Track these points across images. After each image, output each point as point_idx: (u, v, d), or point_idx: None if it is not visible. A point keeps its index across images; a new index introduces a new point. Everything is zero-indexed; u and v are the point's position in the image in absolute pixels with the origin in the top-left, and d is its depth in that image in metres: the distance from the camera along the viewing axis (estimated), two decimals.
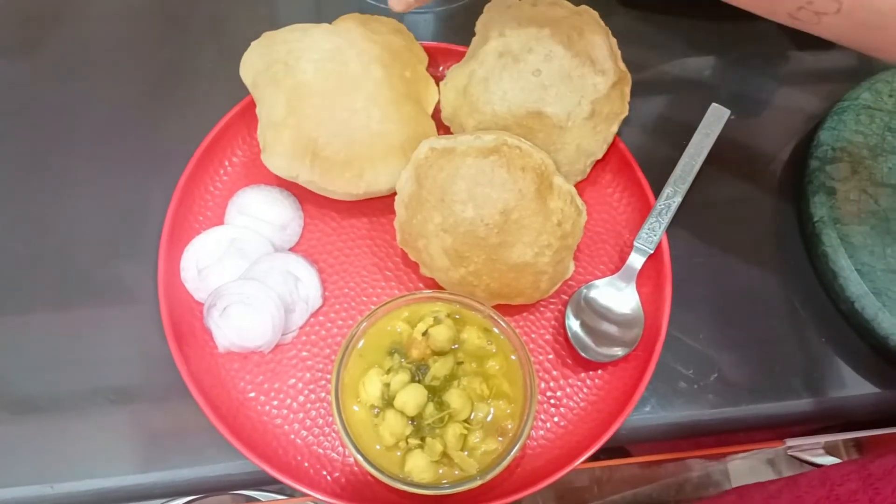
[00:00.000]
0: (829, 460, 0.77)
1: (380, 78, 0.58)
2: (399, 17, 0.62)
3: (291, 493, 0.74)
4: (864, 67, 0.73)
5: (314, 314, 0.60)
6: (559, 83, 0.58)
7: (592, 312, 0.59)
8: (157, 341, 0.58)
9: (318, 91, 0.57)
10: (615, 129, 0.61)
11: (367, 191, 0.58)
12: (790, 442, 0.69)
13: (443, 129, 0.66)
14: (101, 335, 0.60)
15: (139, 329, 0.60)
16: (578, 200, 0.56)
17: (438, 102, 0.63)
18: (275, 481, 0.54)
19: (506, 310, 0.59)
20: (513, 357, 0.54)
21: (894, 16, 0.42)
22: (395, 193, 0.58)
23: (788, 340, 0.62)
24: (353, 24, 0.61)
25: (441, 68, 0.68)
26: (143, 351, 0.59)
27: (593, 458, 0.55)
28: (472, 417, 0.53)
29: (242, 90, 0.62)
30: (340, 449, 0.56)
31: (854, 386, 0.61)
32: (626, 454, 0.73)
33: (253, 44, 0.61)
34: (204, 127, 0.62)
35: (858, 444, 1.08)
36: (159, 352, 0.57)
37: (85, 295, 0.61)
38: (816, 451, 0.76)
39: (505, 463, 0.51)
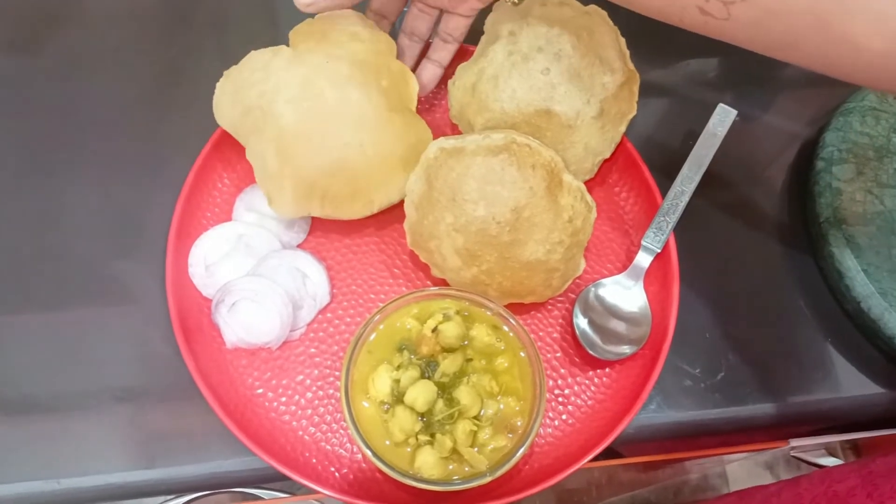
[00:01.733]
0: (829, 461, 0.77)
1: (358, 100, 0.56)
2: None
3: (295, 491, 0.74)
4: None
5: (322, 311, 0.60)
6: (568, 82, 0.58)
7: (600, 310, 0.60)
8: (163, 338, 0.58)
9: (304, 134, 0.55)
10: (623, 128, 0.62)
11: (381, 208, 0.59)
12: (794, 442, 0.69)
13: (450, 127, 0.66)
14: (106, 332, 0.60)
15: (144, 326, 0.59)
16: (588, 197, 0.56)
17: (447, 101, 0.63)
18: (282, 477, 0.54)
19: (514, 308, 0.59)
20: (522, 354, 0.55)
21: (795, 4, 0.41)
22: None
23: (794, 340, 0.63)
24: (311, 43, 0.58)
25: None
26: (148, 348, 0.59)
27: (598, 457, 0.55)
28: (481, 414, 0.53)
29: None
30: (349, 445, 0.56)
31: (859, 386, 0.62)
32: (629, 454, 0.73)
33: (218, 86, 0.59)
34: (208, 125, 0.62)
35: (857, 447, 1.08)
36: (165, 349, 0.57)
37: (90, 293, 0.61)
38: (819, 451, 0.76)
39: (514, 460, 0.51)
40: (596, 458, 0.55)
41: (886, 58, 0.41)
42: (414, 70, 0.62)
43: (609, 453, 0.62)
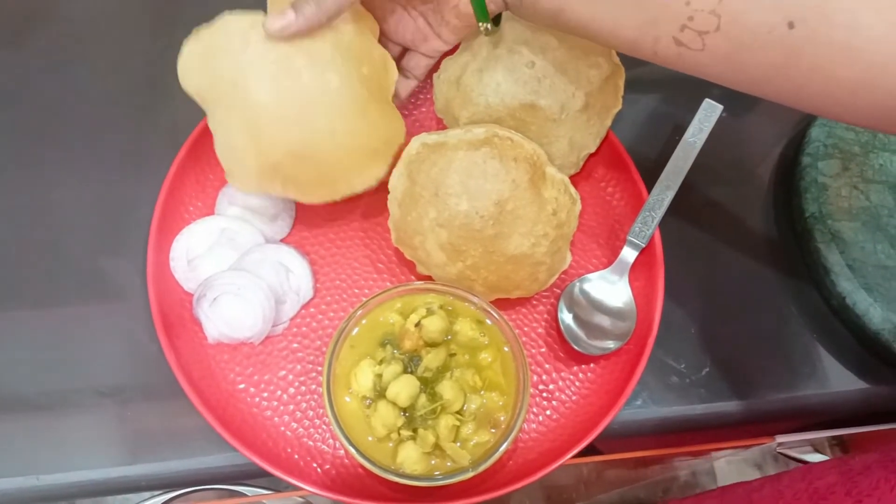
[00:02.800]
0: (816, 457, 0.77)
1: (337, 88, 0.53)
2: None
3: (279, 487, 0.74)
4: None
5: (305, 306, 0.59)
6: (553, 75, 0.58)
7: (585, 305, 0.59)
8: (146, 334, 0.57)
9: (276, 114, 0.52)
10: (609, 122, 0.61)
11: (344, 196, 0.56)
12: (780, 438, 0.69)
13: (436, 121, 0.66)
14: (89, 328, 0.59)
15: (128, 321, 0.59)
16: (572, 189, 0.56)
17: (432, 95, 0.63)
18: (265, 473, 0.54)
19: (500, 303, 0.58)
20: (505, 349, 0.54)
21: (766, 36, 0.41)
22: (380, 187, 0.57)
23: (779, 336, 0.63)
24: None
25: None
26: (131, 343, 0.58)
27: (583, 453, 0.55)
28: (464, 409, 0.52)
29: None
30: (331, 441, 0.56)
31: (844, 382, 0.62)
32: (614, 450, 0.73)
33: (187, 47, 0.54)
34: (194, 120, 0.62)
35: (844, 443, 1.09)
36: (148, 344, 0.57)
37: (74, 288, 0.61)
38: (806, 448, 0.76)
39: (497, 455, 0.51)
40: (582, 454, 0.55)
41: (856, 91, 0.41)
42: None
43: (595, 449, 0.62)
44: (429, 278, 0.58)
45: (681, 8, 0.43)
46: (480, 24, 0.53)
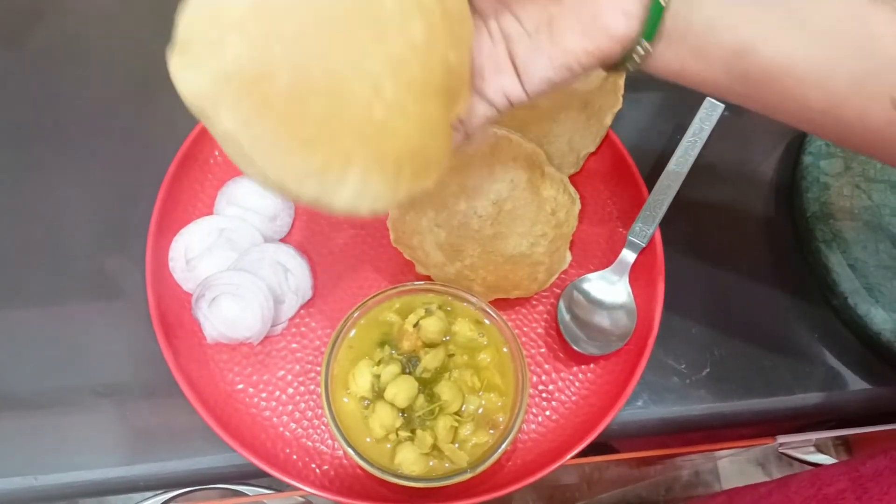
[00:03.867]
0: (819, 458, 0.77)
1: (418, 43, 0.35)
2: None
3: (280, 487, 0.73)
4: None
5: (304, 306, 0.59)
6: None
7: (585, 305, 0.59)
8: (146, 334, 0.57)
9: (318, 4, 0.33)
10: (608, 122, 0.61)
11: (315, 196, 0.35)
12: (781, 439, 0.68)
13: None
14: (88, 327, 0.59)
15: (127, 321, 0.59)
16: (571, 189, 0.56)
17: None
18: (263, 474, 0.54)
19: (499, 303, 0.58)
20: (504, 349, 0.54)
21: None
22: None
23: (780, 336, 0.62)
24: None
25: None
26: (130, 343, 0.58)
27: (584, 453, 0.54)
28: (462, 410, 0.52)
29: None
30: (330, 441, 0.56)
31: (846, 382, 0.61)
32: (616, 450, 0.73)
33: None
34: (193, 119, 0.62)
35: (846, 442, 1.08)
36: (147, 344, 0.57)
37: (73, 288, 0.60)
38: (808, 448, 0.75)
39: (496, 456, 0.51)
40: (583, 455, 0.54)
41: None
42: None
43: (596, 449, 0.62)
44: (428, 278, 0.58)
45: None
46: (637, 50, 0.38)
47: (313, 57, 0.32)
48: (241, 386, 0.57)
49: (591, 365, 0.59)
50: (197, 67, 0.32)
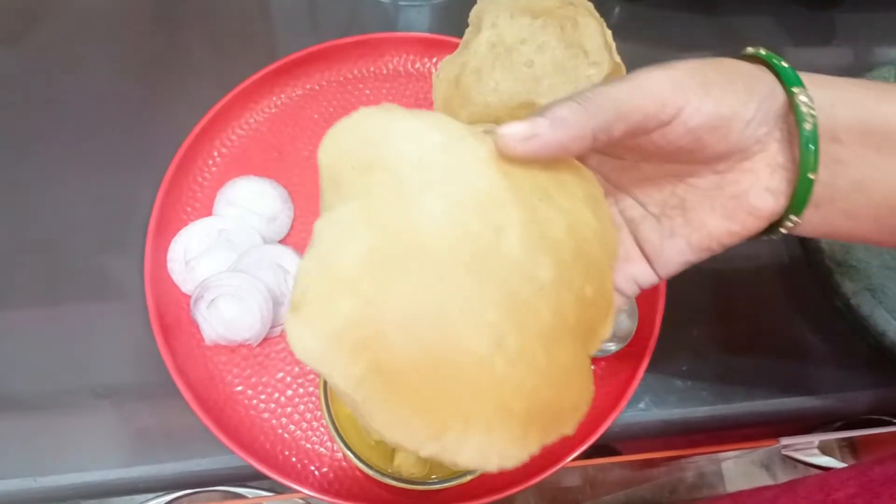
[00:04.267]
0: (823, 460, 0.76)
1: (546, 286, 0.33)
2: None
3: (280, 490, 0.73)
4: (860, 64, 0.73)
5: None
6: (552, 74, 0.57)
7: None
8: (144, 335, 0.57)
9: (434, 258, 0.31)
10: None
11: (436, 455, 0.31)
12: (784, 440, 0.68)
13: None
14: (87, 329, 0.59)
15: (126, 323, 0.59)
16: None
17: None
18: (262, 476, 0.54)
19: None
20: None
21: None
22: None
23: (783, 337, 0.62)
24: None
25: (435, 59, 0.67)
26: (129, 345, 0.58)
27: (586, 455, 0.54)
28: None
29: (232, 82, 0.61)
30: (329, 444, 0.55)
31: (849, 383, 0.61)
32: (618, 452, 0.73)
33: (359, 114, 0.35)
34: (193, 119, 0.62)
35: (852, 444, 1.08)
36: (146, 346, 0.56)
37: (71, 288, 0.60)
38: (811, 450, 0.75)
39: None
40: (585, 457, 0.54)
41: None
42: None
43: (598, 451, 0.61)
44: None
45: None
46: (784, 224, 0.36)
47: (427, 315, 0.30)
48: (239, 388, 0.56)
49: (592, 367, 0.58)
50: (307, 326, 0.30)
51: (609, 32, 0.59)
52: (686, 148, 0.34)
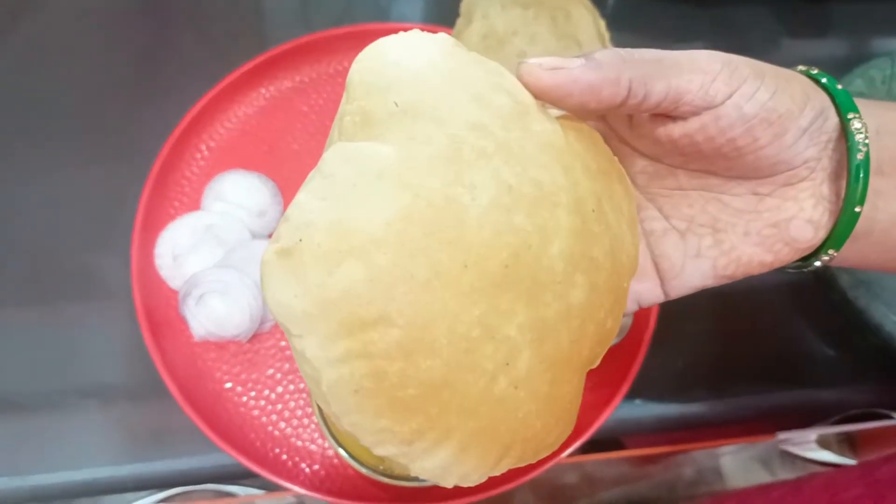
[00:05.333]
0: (821, 455, 0.76)
1: (575, 307, 0.29)
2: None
3: (271, 488, 0.73)
4: (856, 55, 0.72)
5: None
6: None
7: None
8: (132, 332, 0.56)
9: (470, 246, 0.26)
10: None
11: (390, 455, 0.27)
12: (781, 435, 0.67)
13: None
14: (74, 326, 0.58)
15: (114, 320, 0.58)
16: None
17: None
18: (252, 474, 0.53)
19: None
20: None
21: None
22: None
23: (779, 331, 0.62)
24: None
25: None
26: (117, 342, 0.57)
27: (581, 451, 0.53)
28: None
29: (221, 77, 0.60)
30: (320, 441, 0.55)
31: (846, 377, 0.60)
32: (614, 447, 0.72)
33: (419, 40, 0.28)
34: (180, 114, 0.61)
35: (850, 439, 1.07)
36: (134, 343, 0.56)
37: (58, 287, 0.60)
38: (809, 444, 0.74)
39: None
40: (581, 452, 0.53)
41: None
42: None
43: (594, 447, 0.61)
44: None
45: None
46: (826, 252, 0.34)
47: (445, 312, 0.26)
48: (229, 384, 0.56)
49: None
50: (296, 280, 0.25)
51: (602, 23, 0.58)
52: (736, 143, 0.31)
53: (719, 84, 0.29)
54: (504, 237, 0.26)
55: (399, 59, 0.27)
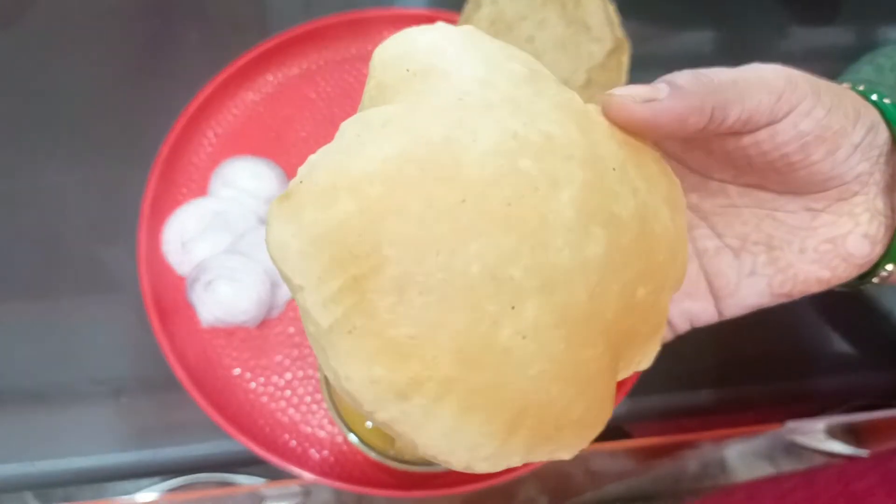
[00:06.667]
0: (829, 445, 0.75)
1: (592, 261, 0.26)
2: None
3: (274, 476, 0.73)
4: (864, 43, 0.72)
5: None
6: (553, 51, 0.56)
7: None
8: (141, 319, 0.56)
9: (469, 185, 0.24)
10: None
11: (392, 421, 0.24)
12: (790, 424, 0.67)
13: None
14: (83, 314, 0.58)
15: (122, 307, 0.58)
16: None
17: None
18: (260, 461, 0.53)
19: None
20: None
21: None
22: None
23: (787, 318, 0.61)
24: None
25: None
26: (126, 330, 0.57)
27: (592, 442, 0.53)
28: None
29: (226, 63, 0.60)
30: (329, 426, 0.55)
31: (857, 365, 0.60)
32: (620, 437, 0.72)
33: (437, 26, 0.29)
34: (185, 100, 0.61)
35: (854, 429, 1.07)
36: (143, 329, 0.56)
37: (68, 276, 0.60)
38: (817, 435, 0.74)
39: None
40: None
41: None
42: None
43: (600, 436, 0.61)
44: None
45: None
46: (883, 268, 0.33)
47: (438, 243, 0.24)
48: (237, 371, 0.56)
49: None
50: (292, 218, 0.24)
51: (612, 7, 0.58)
52: (789, 159, 0.31)
53: (783, 104, 0.29)
54: (508, 177, 0.25)
55: (417, 36, 0.28)
